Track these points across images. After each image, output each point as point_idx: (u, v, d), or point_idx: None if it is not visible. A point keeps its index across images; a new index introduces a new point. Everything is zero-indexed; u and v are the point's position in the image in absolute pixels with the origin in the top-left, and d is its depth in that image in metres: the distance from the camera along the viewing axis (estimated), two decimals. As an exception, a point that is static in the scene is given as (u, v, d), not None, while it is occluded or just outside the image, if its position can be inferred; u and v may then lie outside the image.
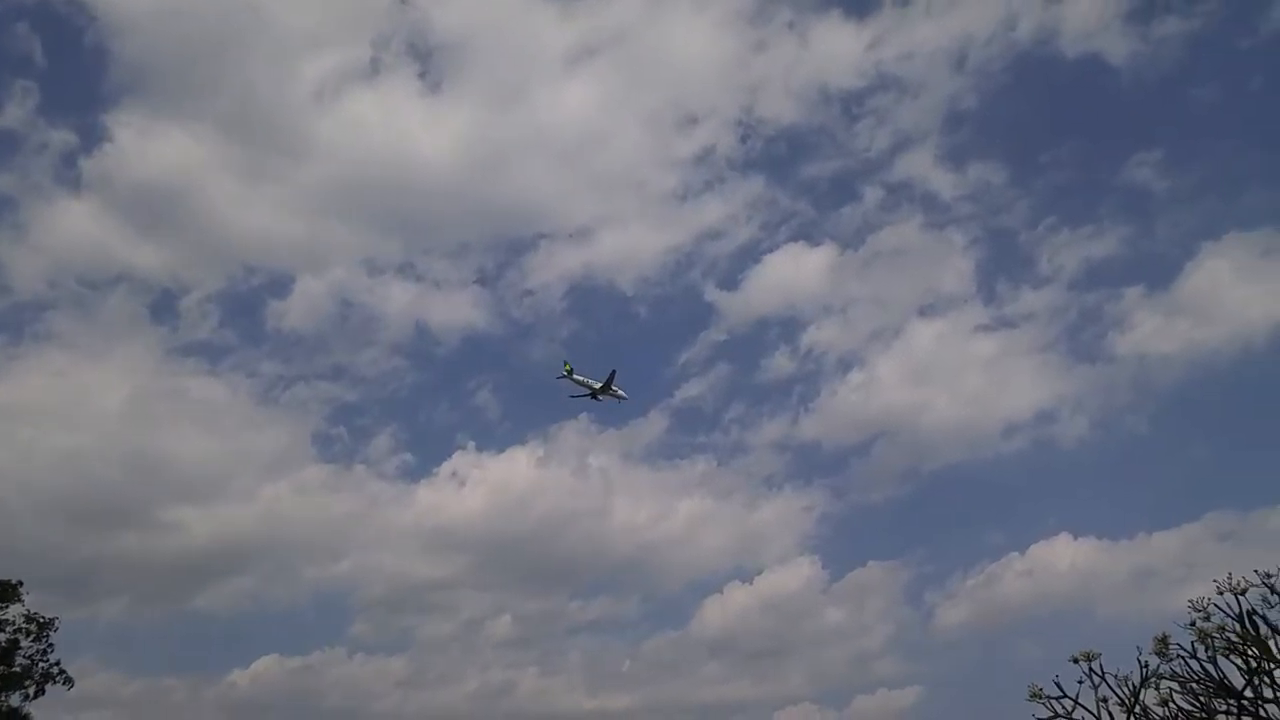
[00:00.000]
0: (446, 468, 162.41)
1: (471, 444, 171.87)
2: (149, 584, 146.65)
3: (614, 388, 74.90)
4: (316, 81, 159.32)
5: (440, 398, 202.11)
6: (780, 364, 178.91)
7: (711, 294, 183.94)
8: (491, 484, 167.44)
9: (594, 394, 75.23)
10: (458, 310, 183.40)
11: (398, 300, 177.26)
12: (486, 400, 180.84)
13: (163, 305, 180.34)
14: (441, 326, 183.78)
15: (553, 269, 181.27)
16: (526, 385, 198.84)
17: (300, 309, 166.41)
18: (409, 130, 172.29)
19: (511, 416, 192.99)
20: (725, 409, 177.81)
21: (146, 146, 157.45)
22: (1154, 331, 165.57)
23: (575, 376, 74.56)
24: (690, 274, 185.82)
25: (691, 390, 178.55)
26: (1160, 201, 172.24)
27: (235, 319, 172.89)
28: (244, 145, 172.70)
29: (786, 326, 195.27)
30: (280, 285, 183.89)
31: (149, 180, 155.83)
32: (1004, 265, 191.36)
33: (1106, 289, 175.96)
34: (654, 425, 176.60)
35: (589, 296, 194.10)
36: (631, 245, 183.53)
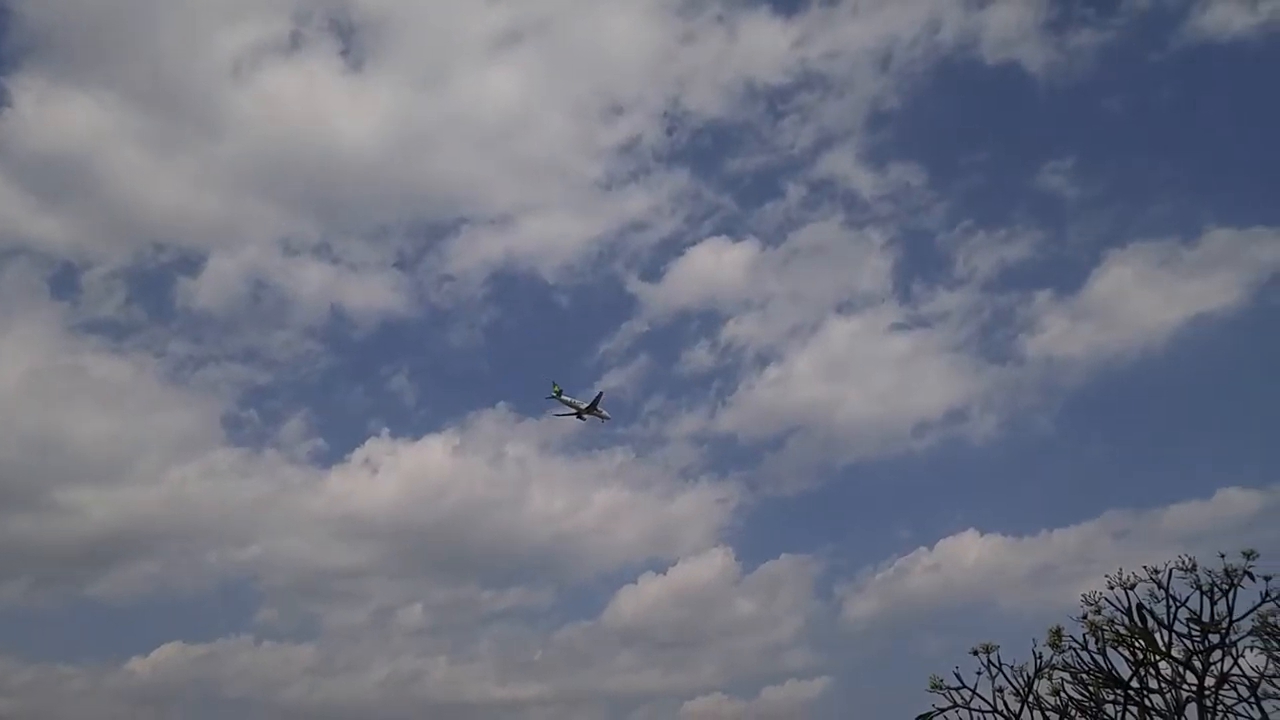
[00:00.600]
0: (360, 454, 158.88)
1: (386, 431, 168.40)
2: (46, 568, 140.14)
3: (599, 408, 75.83)
4: (234, 54, 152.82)
5: (355, 383, 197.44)
6: (700, 357, 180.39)
7: (634, 285, 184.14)
8: (406, 471, 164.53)
9: (579, 413, 76.38)
10: (375, 294, 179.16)
11: (314, 282, 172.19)
12: (402, 386, 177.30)
13: (64, 280, 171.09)
14: (358, 310, 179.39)
15: (474, 254, 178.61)
16: (444, 372, 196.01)
17: (212, 288, 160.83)
18: (329, 108, 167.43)
19: (428, 404, 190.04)
20: (645, 400, 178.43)
21: (49, 113, 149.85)
22: (1061, 334, 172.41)
23: (563, 398, 75.77)
24: (613, 264, 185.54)
25: (611, 381, 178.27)
26: (1071, 208, 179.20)
27: (142, 296, 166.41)
28: (155, 116, 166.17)
29: (707, 320, 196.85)
30: (191, 263, 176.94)
31: (51, 149, 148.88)
32: (920, 265, 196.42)
33: (1018, 291, 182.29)
34: (572, 416, 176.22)
35: (510, 284, 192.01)
36: (554, 233, 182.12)
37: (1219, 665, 16.59)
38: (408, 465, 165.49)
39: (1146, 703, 17.24)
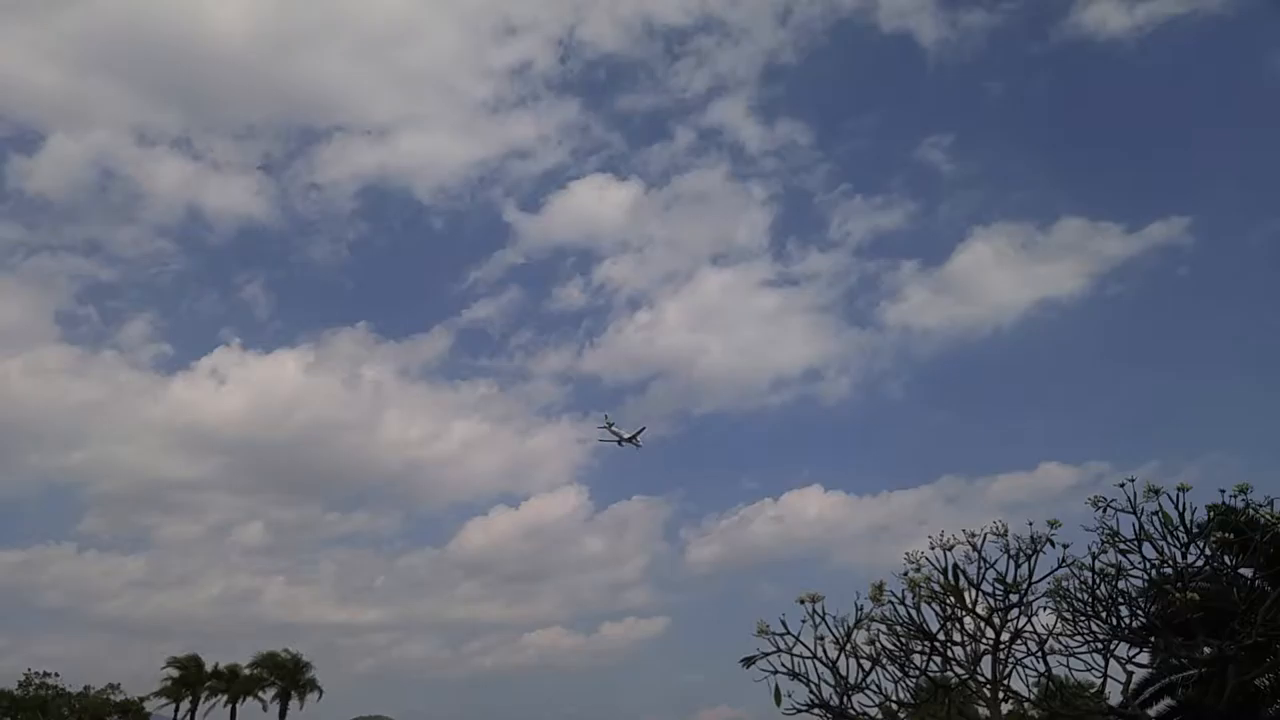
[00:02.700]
0: (206, 363, 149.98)
1: (236, 341, 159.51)
2: None
3: (637, 440, 79.52)
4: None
5: (207, 288, 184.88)
6: (572, 295, 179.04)
7: (511, 214, 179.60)
8: (255, 385, 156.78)
9: (620, 441, 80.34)
10: (236, 196, 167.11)
11: (169, 177, 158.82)
12: (257, 296, 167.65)
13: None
14: (216, 212, 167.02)
15: (345, 165, 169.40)
16: (303, 286, 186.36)
17: (51, 171, 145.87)
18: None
19: (283, 316, 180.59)
20: (512, 334, 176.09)
21: None
22: (920, 305, 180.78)
23: (613, 429, 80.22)
24: (492, 191, 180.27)
25: (479, 312, 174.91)
26: (946, 183, 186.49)
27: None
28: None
29: (583, 258, 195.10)
30: (27, 140, 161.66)
31: None
32: (797, 225, 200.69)
33: (886, 259, 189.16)
34: (436, 342, 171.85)
35: (381, 200, 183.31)
36: (433, 152, 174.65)
37: (1015, 622, 17.94)
38: (257, 379, 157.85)
39: (949, 654, 18.51)
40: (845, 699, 18.30)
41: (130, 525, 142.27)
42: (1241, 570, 16.87)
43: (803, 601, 18.36)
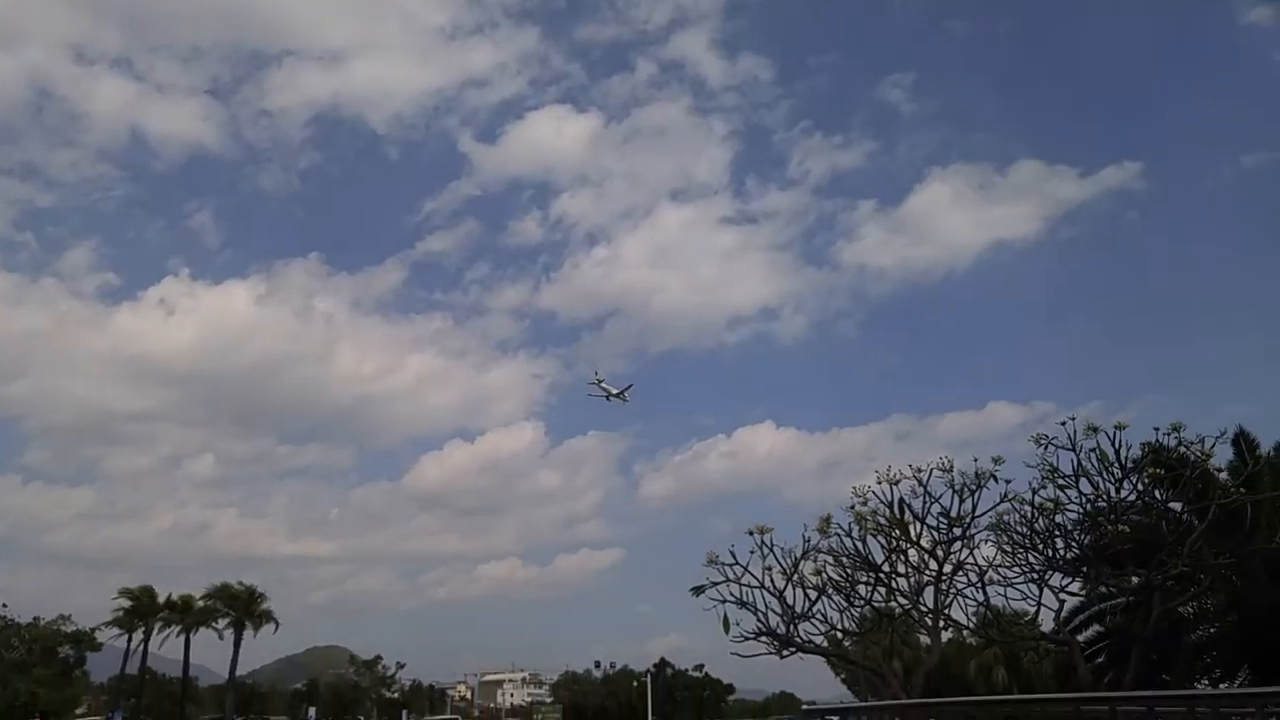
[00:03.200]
0: (154, 293, 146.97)
1: (185, 271, 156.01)
2: None
3: (625, 395, 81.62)
4: None
5: (153, 216, 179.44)
6: (529, 229, 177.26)
7: (467, 145, 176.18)
8: (204, 316, 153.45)
9: (608, 396, 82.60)
10: (182, 121, 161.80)
11: (110, 99, 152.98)
12: (206, 225, 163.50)
13: None
14: (161, 137, 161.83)
15: (297, 92, 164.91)
16: (254, 215, 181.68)
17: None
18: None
19: (233, 247, 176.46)
20: (468, 268, 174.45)
21: None
22: (876, 245, 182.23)
23: (603, 385, 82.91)
24: (447, 120, 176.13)
25: (434, 244, 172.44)
26: (905, 123, 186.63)
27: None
28: None
29: (540, 191, 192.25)
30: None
31: None
32: (757, 162, 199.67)
33: (844, 199, 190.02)
34: (390, 275, 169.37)
35: (334, 128, 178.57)
36: (388, 79, 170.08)
37: (957, 555, 18.53)
38: (207, 310, 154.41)
39: (893, 585, 19.10)
40: (792, 627, 18.84)
41: (77, 457, 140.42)
42: (1171, 504, 17.54)
43: (752, 533, 18.76)
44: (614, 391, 78.62)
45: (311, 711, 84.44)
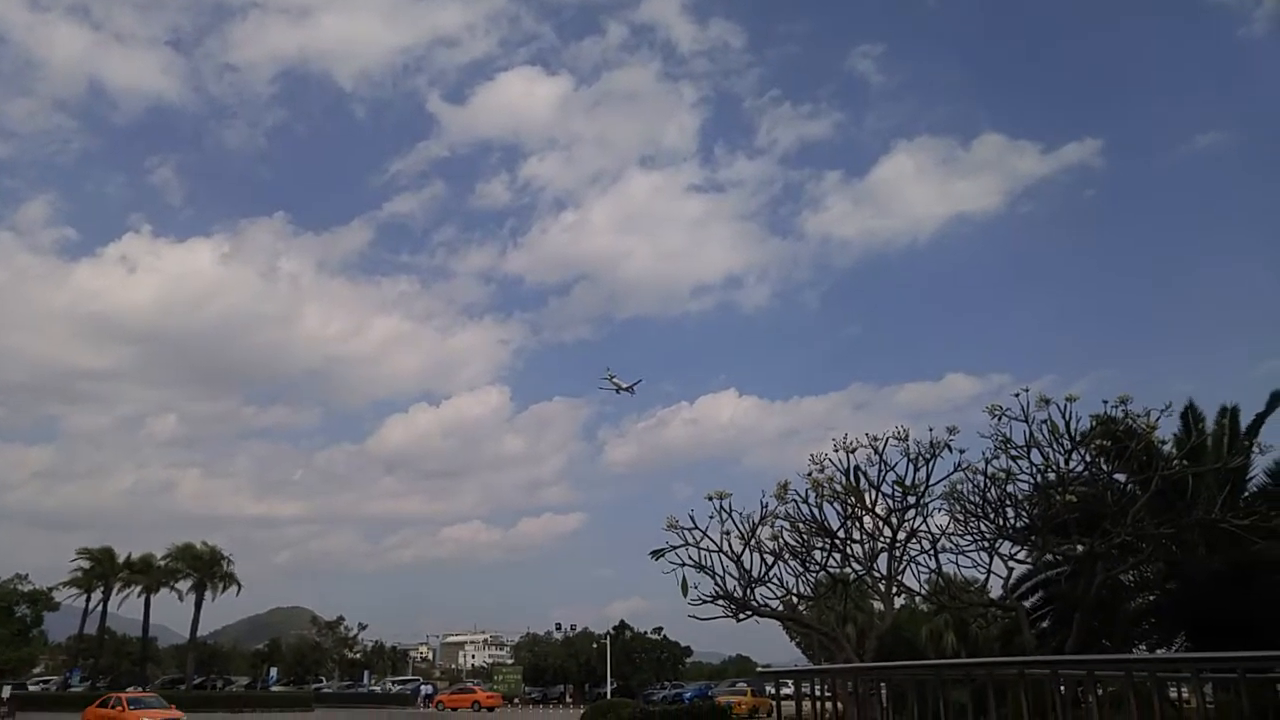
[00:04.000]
0: (115, 250, 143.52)
1: (147, 227, 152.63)
2: None
3: (634, 389, 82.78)
4: None
5: (113, 170, 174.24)
6: (496, 192, 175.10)
7: (435, 105, 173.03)
8: (166, 274, 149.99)
9: (618, 389, 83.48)
10: (143, 72, 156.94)
11: (66, 46, 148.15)
12: (168, 181, 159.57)
13: None
14: (122, 88, 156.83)
15: (263, 46, 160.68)
16: (218, 172, 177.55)
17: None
18: None
19: (197, 204, 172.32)
20: (435, 230, 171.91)
21: None
22: (841, 215, 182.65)
23: (614, 379, 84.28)
24: (416, 79, 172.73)
25: (401, 206, 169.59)
26: (874, 94, 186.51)
27: None
28: None
29: (509, 153, 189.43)
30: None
31: None
32: (726, 129, 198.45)
33: (811, 169, 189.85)
34: (356, 236, 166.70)
35: (301, 85, 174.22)
36: (356, 36, 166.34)
37: (911, 522, 18.92)
38: (169, 268, 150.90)
39: (848, 551, 19.48)
40: (748, 591, 19.17)
41: (34, 415, 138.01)
42: (1116, 475, 18.05)
43: (711, 499, 18.99)
44: (623, 385, 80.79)
45: (273, 672, 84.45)
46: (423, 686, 76.37)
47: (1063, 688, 10.35)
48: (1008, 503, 18.14)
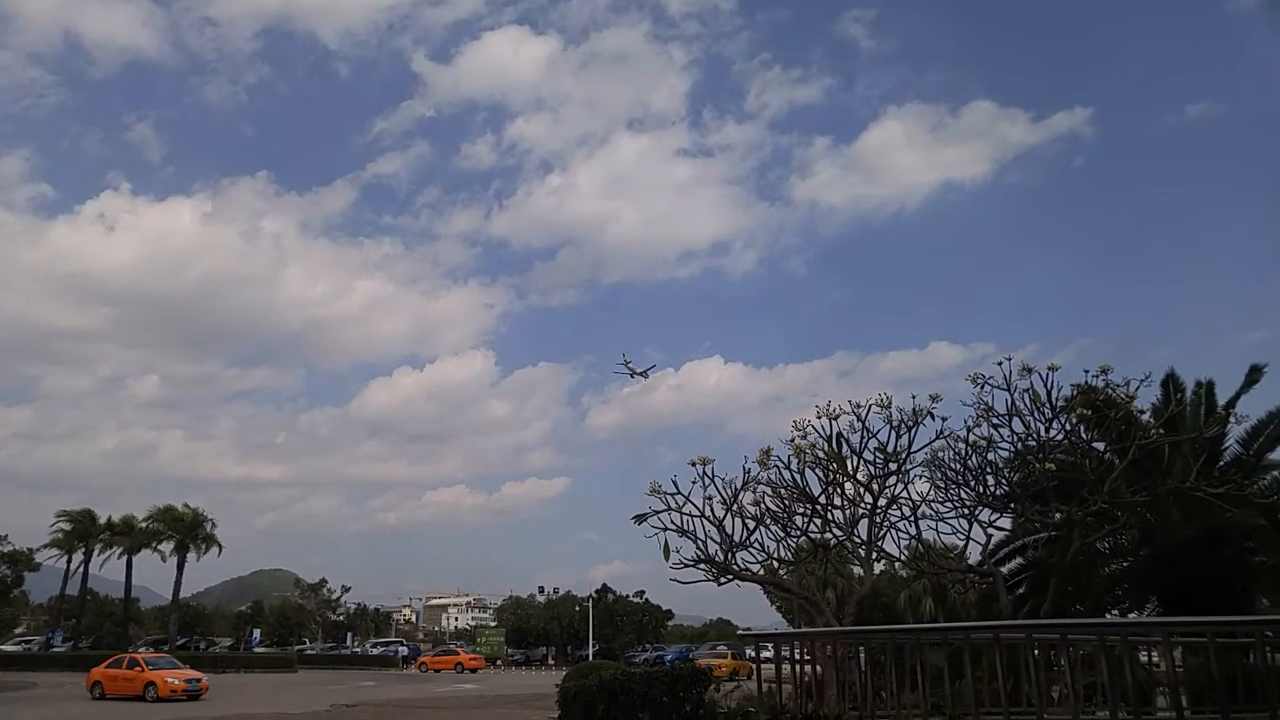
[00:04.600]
0: (93, 208, 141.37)
1: (126, 185, 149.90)
2: None
3: (649, 373, 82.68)
4: None
5: (91, 126, 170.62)
6: (482, 153, 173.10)
7: (421, 64, 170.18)
8: (146, 233, 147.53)
9: (632, 374, 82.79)
10: (121, 26, 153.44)
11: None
12: (148, 138, 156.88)
13: None
14: (99, 42, 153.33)
15: (244, 1, 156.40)
16: (199, 130, 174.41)
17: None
18: None
19: (177, 162, 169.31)
20: (419, 191, 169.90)
21: None
22: (829, 182, 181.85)
23: (630, 365, 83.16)
24: (401, 38, 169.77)
25: (385, 166, 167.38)
26: (864, 59, 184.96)
27: None
28: None
29: (495, 114, 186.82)
30: None
31: None
32: (715, 93, 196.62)
33: (800, 134, 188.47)
34: (339, 196, 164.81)
35: (284, 41, 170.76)
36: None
37: (892, 489, 19.08)
38: (149, 227, 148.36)
39: (829, 516, 19.65)
40: (730, 556, 19.32)
41: (12, 375, 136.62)
42: (1095, 444, 18.26)
43: (694, 464, 19.05)
44: (638, 371, 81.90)
45: (256, 633, 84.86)
46: (400, 648, 77.17)
47: (1036, 651, 10.53)
48: (988, 470, 18.32)
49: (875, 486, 18.97)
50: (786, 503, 19.69)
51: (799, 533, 20.09)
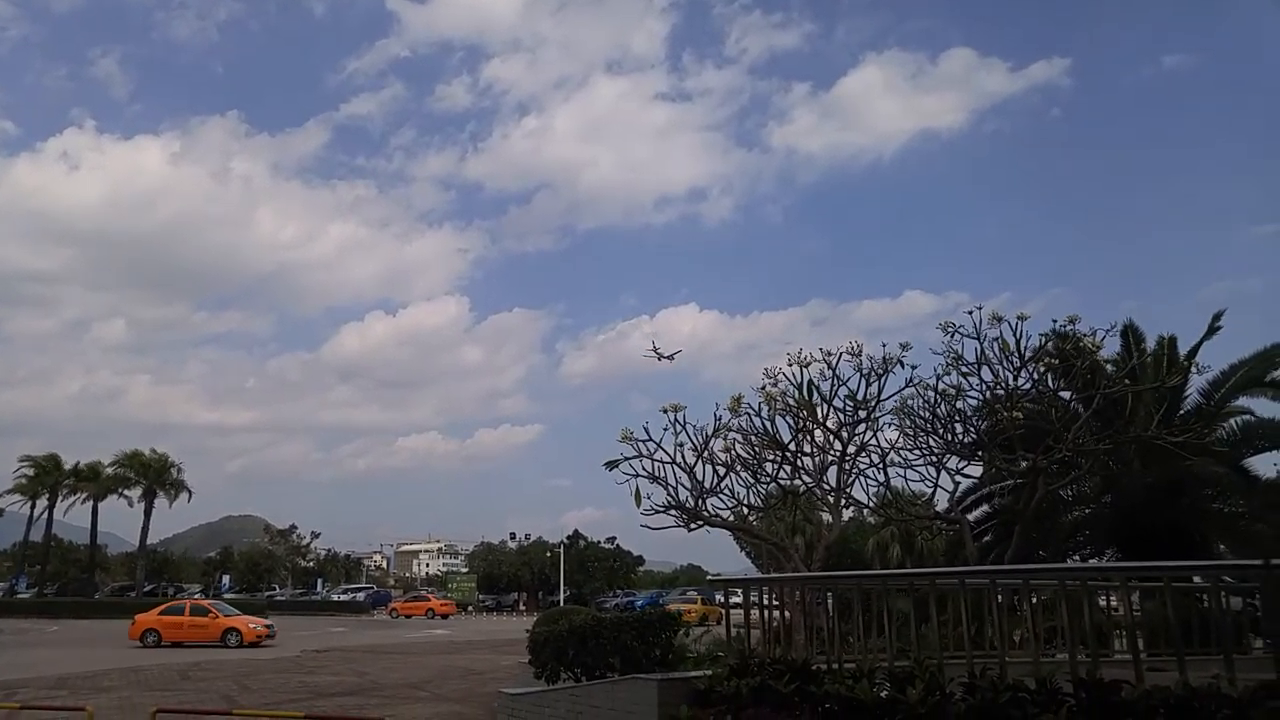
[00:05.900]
0: (56, 145, 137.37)
1: (91, 123, 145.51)
2: None
3: (674, 357, 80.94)
4: None
5: (54, 61, 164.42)
6: (457, 94, 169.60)
7: (396, 2, 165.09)
8: (112, 172, 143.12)
9: (660, 358, 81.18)
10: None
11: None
12: (113, 75, 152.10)
13: None
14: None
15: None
16: (167, 67, 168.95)
17: None
18: None
19: (144, 99, 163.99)
20: (393, 133, 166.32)
21: None
22: (807, 129, 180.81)
23: (658, 350, 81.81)
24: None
25: (358, 107, 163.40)
26: (845, 5, 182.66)
27: None
28: None
29: (471, 54, 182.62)
30: None
31: None
32: (695, 37, 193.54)
33: (779, 80, 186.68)
34: (311, 138, 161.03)
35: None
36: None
37: (861, 436, 19.21)
38: (115, 166, 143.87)
39: (799, 463, 19.78)
40: (700, 502, 19.42)
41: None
42: (1061, 393, 18.45)
43: (665, 411, 19.03)
44: (664, 354, 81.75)
45: (225, 579, 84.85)
46: (358, 595, 77.70)
47: (1000, 596, 10.69)
48: (956, 418, 18.46)
49: (845, 434, 19.07)
50: (757, 450, 19.75)
51: (769, 479, 20.21)
